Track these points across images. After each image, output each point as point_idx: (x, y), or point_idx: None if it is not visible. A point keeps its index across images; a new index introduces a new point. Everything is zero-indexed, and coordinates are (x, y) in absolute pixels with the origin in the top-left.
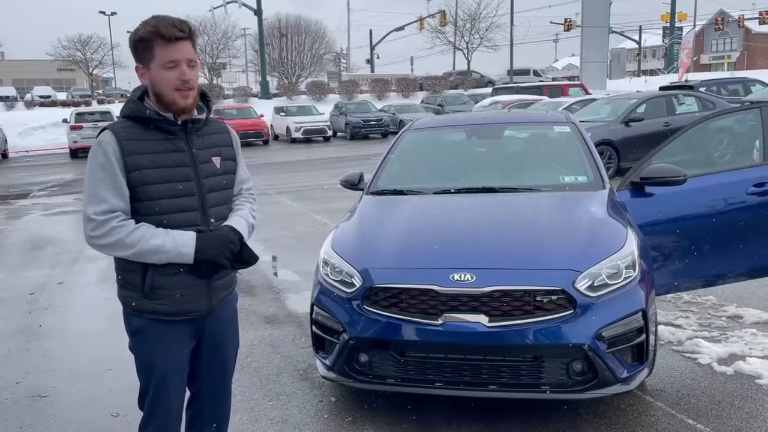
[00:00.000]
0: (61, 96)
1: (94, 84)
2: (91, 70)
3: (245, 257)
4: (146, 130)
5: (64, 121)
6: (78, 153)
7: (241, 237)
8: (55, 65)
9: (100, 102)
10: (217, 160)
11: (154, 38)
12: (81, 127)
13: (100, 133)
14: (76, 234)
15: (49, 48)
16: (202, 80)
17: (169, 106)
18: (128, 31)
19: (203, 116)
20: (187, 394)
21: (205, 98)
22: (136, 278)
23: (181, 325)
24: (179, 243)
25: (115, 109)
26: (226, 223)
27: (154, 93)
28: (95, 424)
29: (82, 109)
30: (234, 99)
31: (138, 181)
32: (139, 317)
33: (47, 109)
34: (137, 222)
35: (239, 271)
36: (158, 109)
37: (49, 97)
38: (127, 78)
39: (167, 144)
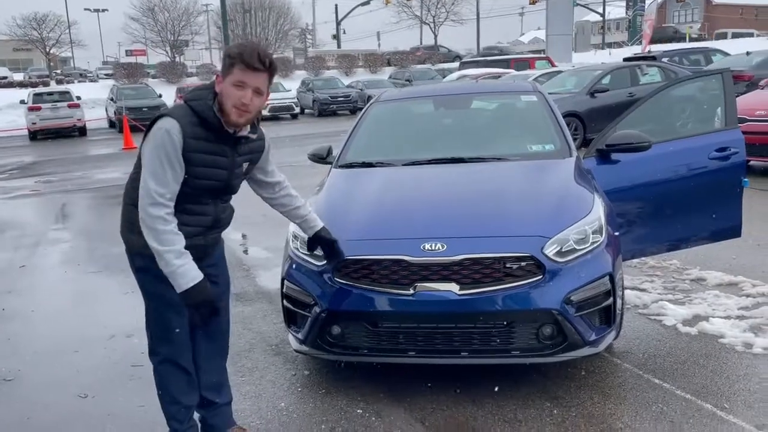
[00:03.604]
0: (18, 77)
1: (51, 64)
2: (48, 50)
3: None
4: (205, 130)
5: (22, 102)
6: (37, 135)
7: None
8: (10, 45)
9: (59, 82)
10: (245, 165)
11: (237, 60)
12: (40, 108)
13: (162, 117)
14: (38, 217)
15: (3, 27)
16: (164, 58)
17: (224, 117)
18: (86, 9)
19: (254, 136)
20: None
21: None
22: None
23: None
24: (185, 274)
25: (75, 89)
26: (318, 224)
27: (219, 102)
28: (63, 406)
29: (41, 89)
30: (198, 77)
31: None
32: (141, 257)
33: (4, 90)
34: None
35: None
36: (221, 116)
37: (5, 78)
38: (86, 57)
39: (215, 147)
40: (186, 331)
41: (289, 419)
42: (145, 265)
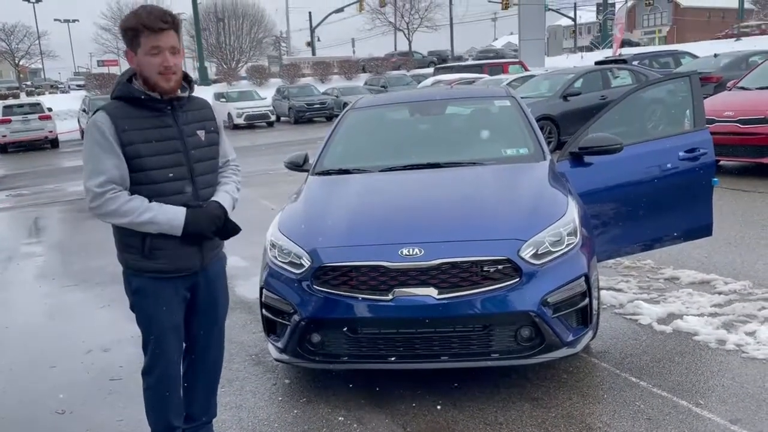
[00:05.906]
0: None
1: (21, 75)
2: (17, 61)
3: (229, 230)
4: (136, 108)
5: None
6: (8, 148)
7: (225, 212)
8: None
9: (30, 94)
10: (201, 133)
11: (140, 28)
12: (10, 121)
13: (93, 113)
14: (10, 231)
15: None
16: None
17: (154, 88)
18: (56, 19)
19: (186, 94)
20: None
21: (186, 79)
22: (135, 241)
23: (176, 280)
24: (170, 217)
25: (46, 100)
26: (213, 199)
27: (141, 76)
28: (41, 423)
29: (11, 101)
30: None
31: (132, 155)
32: (139, 277)
33: None
34: (133, 192)
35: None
36: (145, 89)
37: None
38: (57, 68)
39: (155, 120)
40: (181, 352)
41: (270, 429)
42: (141, 286)
